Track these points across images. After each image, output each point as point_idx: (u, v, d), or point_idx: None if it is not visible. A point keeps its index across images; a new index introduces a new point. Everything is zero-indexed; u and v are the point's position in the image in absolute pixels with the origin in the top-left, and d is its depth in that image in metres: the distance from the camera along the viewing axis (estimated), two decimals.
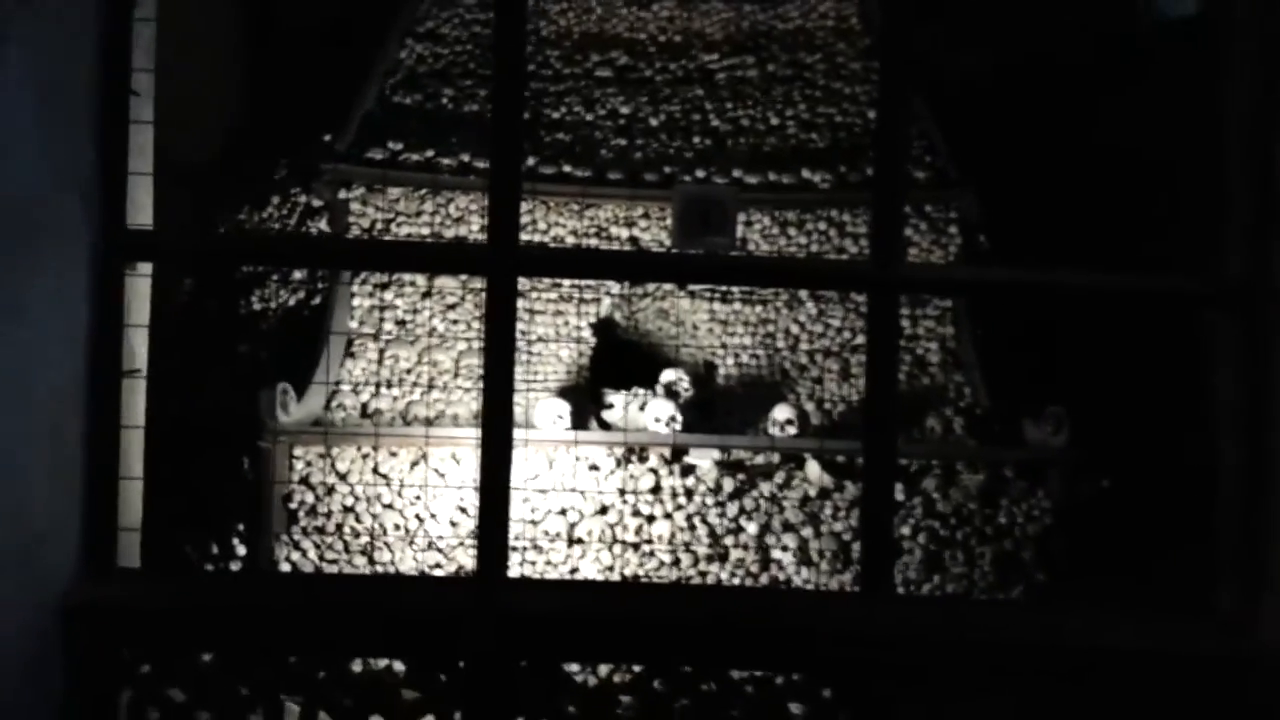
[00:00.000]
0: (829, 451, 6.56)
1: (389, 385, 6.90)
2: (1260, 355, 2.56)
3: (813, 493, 6.56)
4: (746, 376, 7.44)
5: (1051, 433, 6.83)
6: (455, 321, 7.22)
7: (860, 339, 7.46)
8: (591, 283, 7.41)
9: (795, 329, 7.47)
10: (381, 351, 7.12)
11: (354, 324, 7.15)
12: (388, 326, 7.12)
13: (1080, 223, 7.43)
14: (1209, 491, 2.69)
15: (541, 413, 6.62)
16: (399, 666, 2.59)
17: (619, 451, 6.52)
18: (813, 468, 6.65)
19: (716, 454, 6.60)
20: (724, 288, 7.33)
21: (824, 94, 7.76)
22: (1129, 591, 6.13)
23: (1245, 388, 2.56)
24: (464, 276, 6.98)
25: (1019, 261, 5.81)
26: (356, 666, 2.59)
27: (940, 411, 7.15)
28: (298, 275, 7.48)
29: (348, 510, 6.28)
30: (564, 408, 6.62)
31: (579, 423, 6.79)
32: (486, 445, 2.60)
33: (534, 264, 3.13)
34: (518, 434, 6.56)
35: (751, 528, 6.46)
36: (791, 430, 6.66)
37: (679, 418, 6.59)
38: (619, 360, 7.34)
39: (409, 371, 7.09)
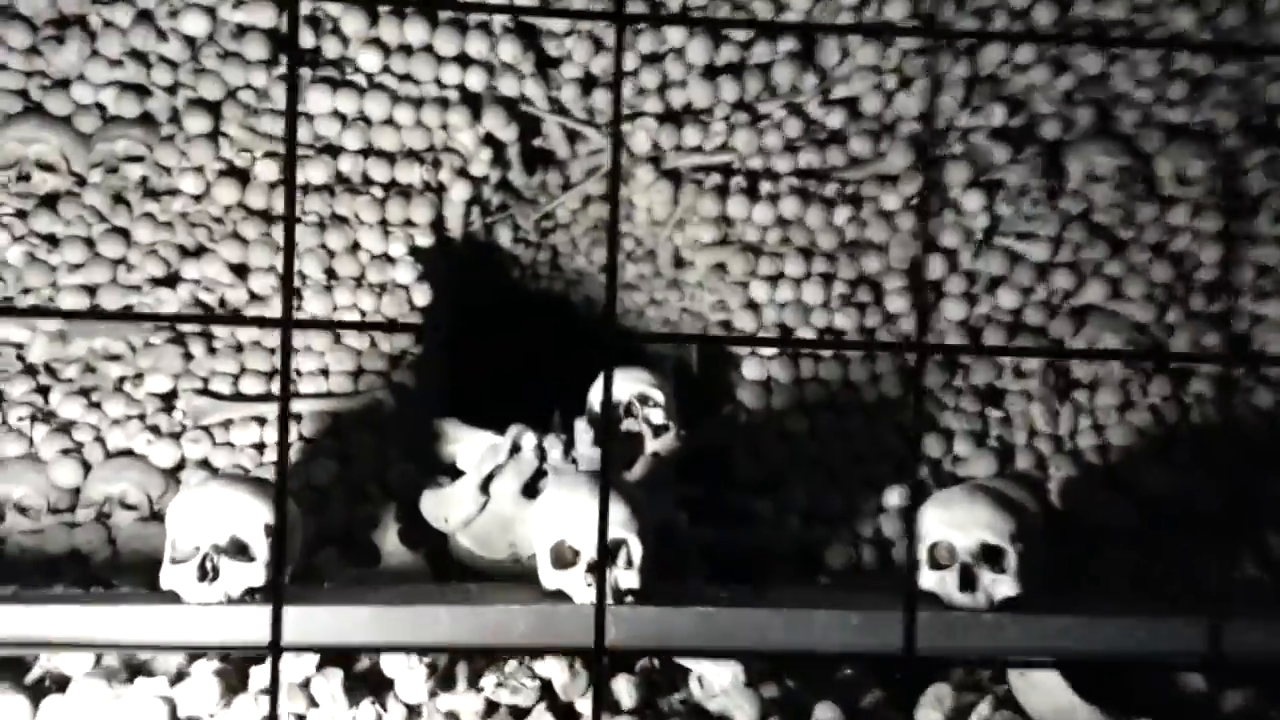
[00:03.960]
0: (1081, 654, 2.09)
1: None
2: None
3: None
4: (817, 400, 2.90)
5: None
6: None
7: (1088, 292, 2.97)
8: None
9: (938, 268, 2.98)
10: None
11: None
12: None
13: None
14: None
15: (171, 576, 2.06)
16: None
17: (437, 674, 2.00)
18: (1052, 685, 2.16)
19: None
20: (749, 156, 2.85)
21: None
22: None
23: None
24: None
25: None
26: None
27: None
28: None
29: None
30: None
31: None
32: None
33: None
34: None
35: None
36: (990, 575, 2.15)
37: (634, 544, 2.06)
38: (483, 354, 2.85)
39: None
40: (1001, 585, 2.05)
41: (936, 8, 2.86)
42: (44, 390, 2.69)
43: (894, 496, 2.65)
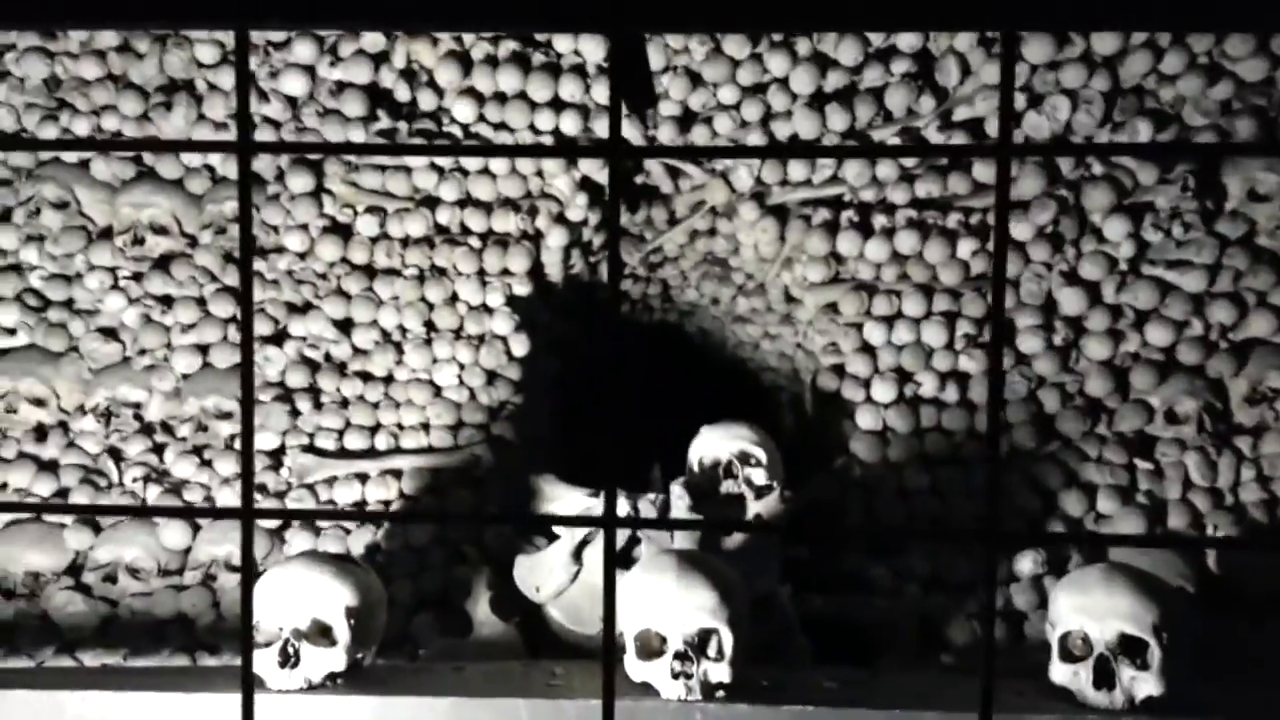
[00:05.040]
0: None
1: None
2: None
3: None
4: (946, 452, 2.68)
5: None
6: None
7: None
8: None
9: (1078, 303, 2.71)
10: None
11: None
12: None
13: None
14: None
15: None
16: None
17: None
18: None
19: None
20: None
21: None
22: None
23: None
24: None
25: None
26: None
27: None
28: None
29: None
30: None
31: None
32: None
33: None
34: None
35: None
36: (1130, 671, 1.90)
37: (725, 634, 1.92)
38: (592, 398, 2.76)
39: None
40: (1143, 683, 1.81)
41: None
42: (159, 449, 2.76)
43: (1026, 563, 2.41)
